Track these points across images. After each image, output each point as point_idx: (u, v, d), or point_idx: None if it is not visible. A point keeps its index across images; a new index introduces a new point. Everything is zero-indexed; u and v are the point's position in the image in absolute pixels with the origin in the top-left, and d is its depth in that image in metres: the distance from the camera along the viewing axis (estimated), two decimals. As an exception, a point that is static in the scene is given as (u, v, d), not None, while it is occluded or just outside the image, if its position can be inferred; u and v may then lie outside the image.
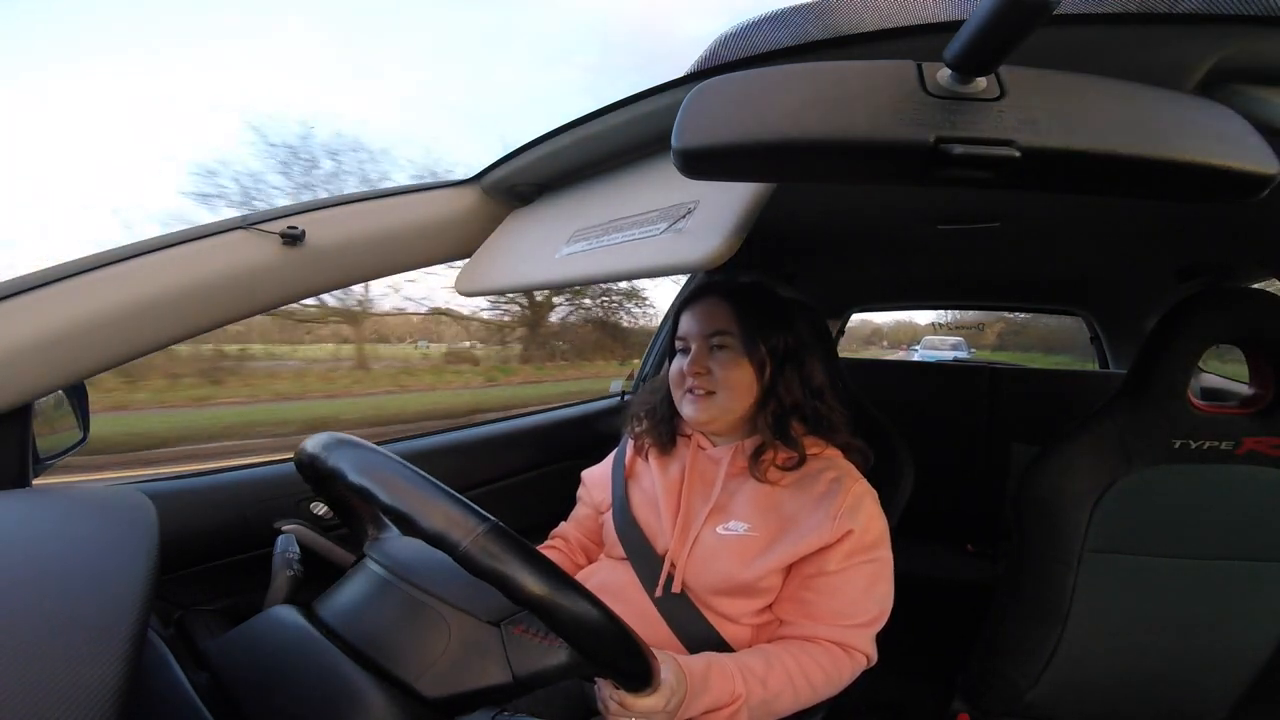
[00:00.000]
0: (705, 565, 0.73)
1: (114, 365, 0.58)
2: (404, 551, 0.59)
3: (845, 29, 0.44)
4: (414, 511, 0.45)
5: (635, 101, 0.57)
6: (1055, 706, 1.00)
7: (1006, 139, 0.30)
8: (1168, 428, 0.86)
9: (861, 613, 0.70)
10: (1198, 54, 0.41)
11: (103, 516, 0.45)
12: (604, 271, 0.56)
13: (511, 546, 0.44)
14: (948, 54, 0.29)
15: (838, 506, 0.70)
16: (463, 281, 0.75)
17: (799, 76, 0.32)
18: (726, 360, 0.78)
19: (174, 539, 0.51)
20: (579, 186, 0.73)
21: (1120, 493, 0.88)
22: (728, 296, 0.80)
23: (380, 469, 0.49)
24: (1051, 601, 0.94)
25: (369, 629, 0.53)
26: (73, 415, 0.71)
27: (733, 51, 0.50)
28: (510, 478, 1.23)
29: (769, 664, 0.66)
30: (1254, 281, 1.26)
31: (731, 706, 0.62)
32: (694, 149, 0.32)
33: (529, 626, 0.51)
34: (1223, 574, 0.89)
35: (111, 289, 0.56)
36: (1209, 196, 0.33)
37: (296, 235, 0.64)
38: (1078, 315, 2.16)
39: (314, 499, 0.91)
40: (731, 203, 0.47)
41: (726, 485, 0.77)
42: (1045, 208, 0.92)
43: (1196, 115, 0.32)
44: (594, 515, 0.91)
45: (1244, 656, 0.94)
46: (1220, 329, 0.85)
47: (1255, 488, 0.86)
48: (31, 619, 0.32)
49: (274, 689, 0.50)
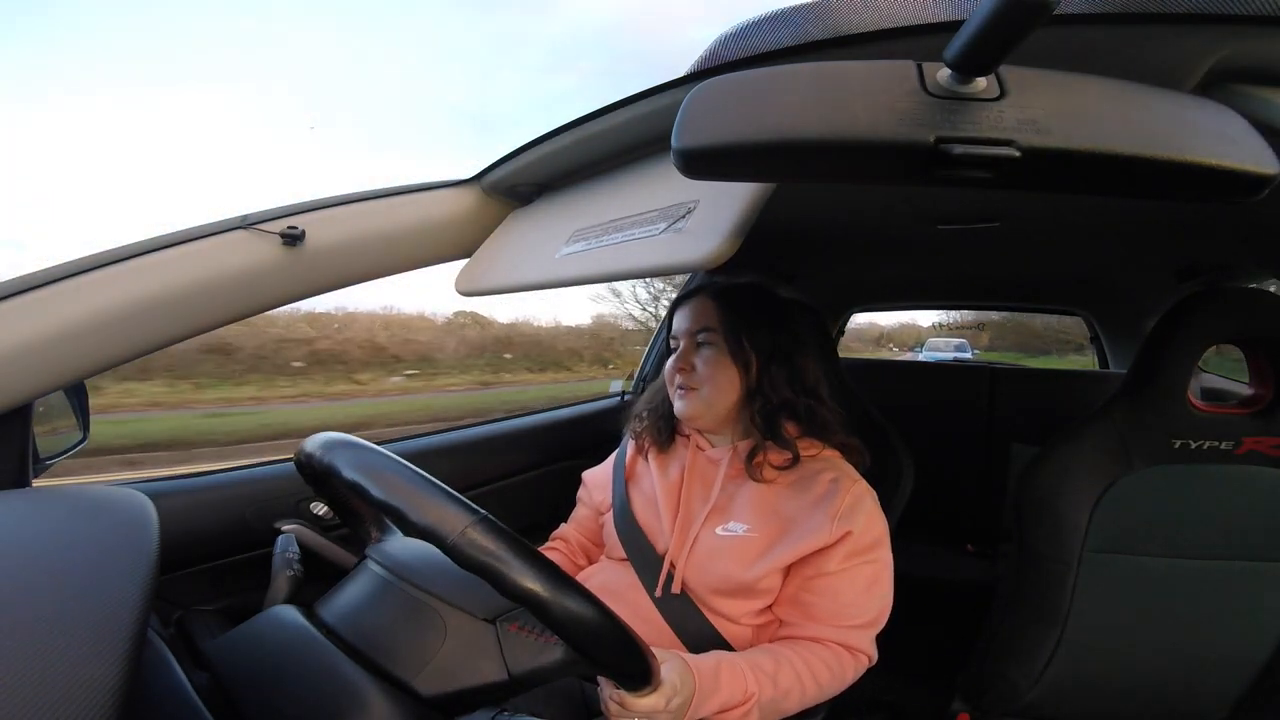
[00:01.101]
0: (705, 566, 0.73)
1: (114, 365, 0.57)
2: (405, 553, 0.59)
3: (845, 29, 0.44)
4: (404, 505, 0.45)
5: (635, 101, 0.57)
6: (1055, 706, 1.00)
7: (1006, 139, 0.30)
8: (1167, 428, 0.86)
9: (861, 613, 0.70)
10: (1198, 54, 0.41)
11: (103, 516, 0.44)
12: (604, 271, 0.56)
13: (502, 540, 0.44)
14: (948, 54, 0.29)
15: (836, 507, 0.70)
16: (463, 282, 0.75)
17: (799, 76, 0.32)
18: (710, 357, 0.79)
19: (174, 539, 0.51)
20: (579, 186, 0.73)
21: (1120, 493, 0.88)
22: (714, 295, 0.82)
23: (373, 465, 0.49)
24: (1051, 601, 0.94)
25: (368, 629, 0.53)
26: (73, 415, 0.71)
27: (733, 51, 0.50)
28: (510, 478, 1.23)
29: (778, 663, 0.66)
30: (1254, 281, 1.26)
31: (744, 706, 0.62)
32: (694, 149, 0.32)
33: (525, 624, 0.51)
34: (1223, 574, 0.89)
35: (111, 289, 0.56)
36: (1209, 196, 0.33)
37: (296, 235, 0.64)
38: (1078, 315, 2.16)
39: (314, 499, 0.91)
40: (731, 203, 0.47)
41: (725, 486, 0.77)
42: (1045, 208, 0.92)
43: (1196, 115, 0.32)
44: (594, 516, 0.91)
45: (1244, 656, 0.94)
46: (1220, 329, 0.85)
47: (1255, 488, 0.86)
48: (31, 619, 0.32)
49: (274, 689, 0.50)
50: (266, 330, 8.51)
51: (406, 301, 12.45)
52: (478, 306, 15.02)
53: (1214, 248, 1.13)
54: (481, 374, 10.30)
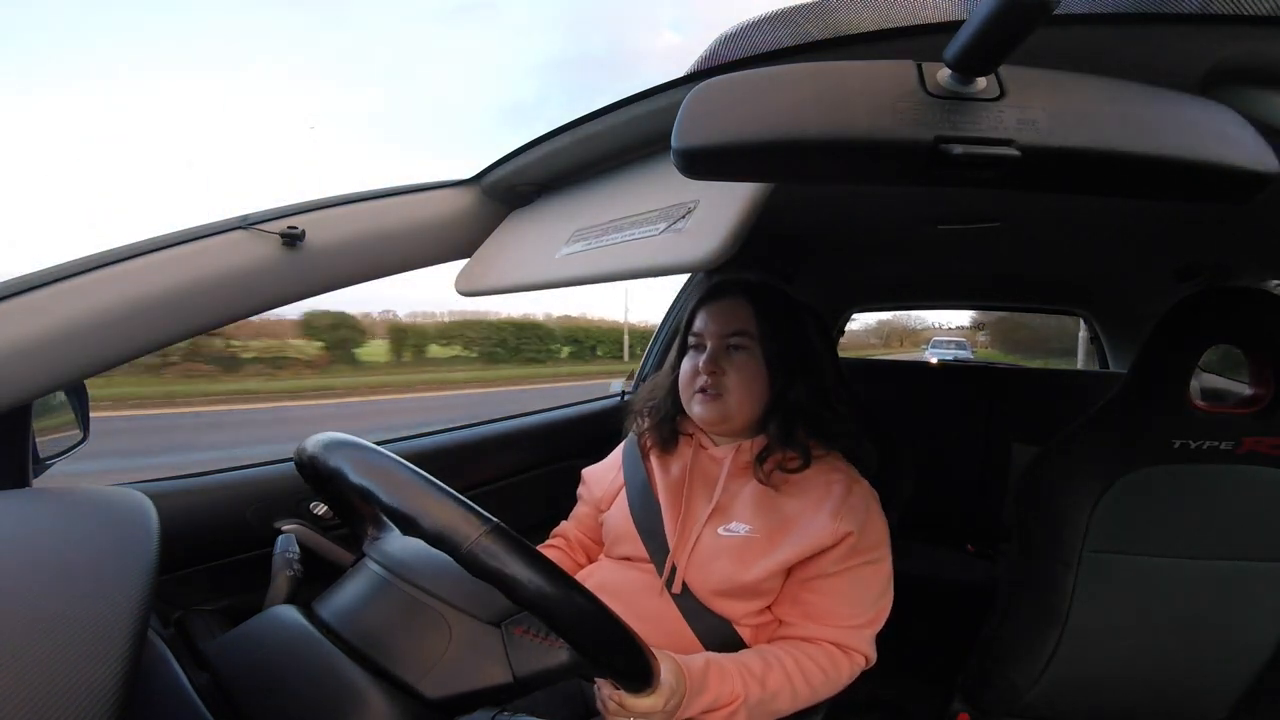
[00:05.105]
0: (706, 566, 0.73)
1: (114, 365, 0.57)
2: (404, 551, 0.59)
3: (845, 29, 0.44)
4: (416, 512, 0.45)
5: (635, 101, 0.57)
6: (1055, 706, 1.00)
7: (1006, 139, 0.30)
8: (1167, 428, 0.86)
9: (860, 614, 0.70)
10: (1198, 54, 0.41)
11: (103, 516, 0.44)
12: (603, 271, 0.56)
13: (514, 548, 0.44)
14: (948, 54, 0.29)
15: (838, 507, 0.70)
16: (462, 282, 0.75)
17: (799, 76, 0.32)
18: (742, 362, 0.77)
19: (174, 539, 0.51)
20: (579, 186, 0.73)
21: (1120, 493, 0.88)
22: (749, 297, 0.79)
23: (381, 469, 0.49)
24: (1051, 601, 0.94)
25: (369, 629, 0.53)
26: (73, 415, 0.71)
27: (733, 51, 0.50)
28: (510, 478, 1.23)
29: (767, 664, 0.66)
30: (1254, 281, 1.26)
31: (730, 707, 0.62)
32: (694, 149, 0.32)
33: (529, 627, 0.52)
34: (1222, 574, 0.89)
35: (111, 289, 0.56)
36: (1209, 196, 0.33)
37: (296, 235, 0.64)
38: (1078, 315, 2.16)
39: (314, 499, 0.91)
40: (731, 203, 0.47)
41: (728, 486, 0.77)
42: (1045, 208, 0.92)
43: (1196, 115, 0.32)
44: (594, 514, 0.91)
45: (1244, 656, 0.94)
46: (1220, 329, 0.85)
47: (1255, 488, 0.86)
48: (31, 619, 0.32)
49: (274, 689, 0.50)
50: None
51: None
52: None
53: (1214, 248, 1.13)
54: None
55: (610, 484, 0.89)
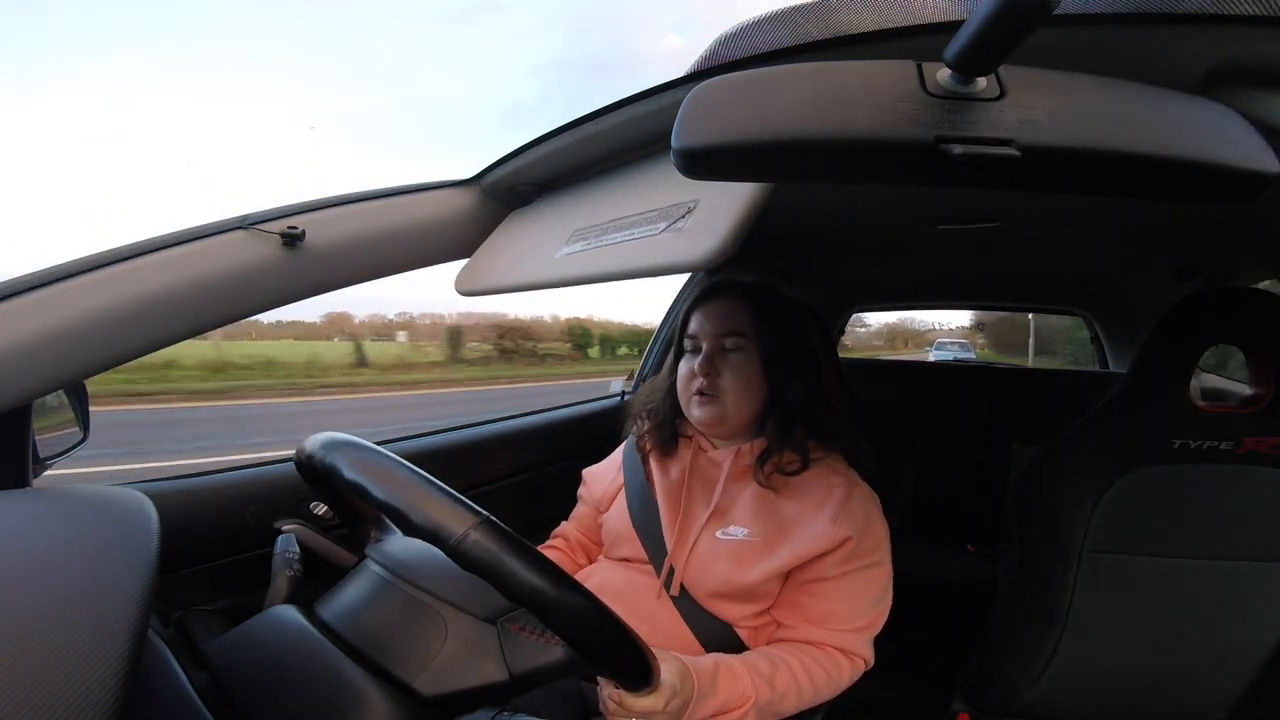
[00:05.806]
0: (704, 569, 0.73)
1: (114, 365, 0.57)
2: (405, 552, 0.59)
3: (845, 29, 0.44)
4: (406, 506, 0.45)
5: (635, 101, 0.57)
6: (1055, 706, 1.00)
7: (1006, 139, 0.30)
8: (1167, 427, 0.86)
9: (859, 617, 0.70)
10: (1198, 54, 0.41)
11: (103, 516, 0.44)
12: (603, 271, 0.56)
13: (504, 541, 0.44)
14: (948, 54, 0.29)
15: (838, 512, 0.70)
16: (462, 281, 0.75)
17: (799, 76, 0.32)
18: (738, 363, 0.76)
19: (174, 539, 0.50)
20: (579, 186, 0.73)
21: (1120, 493, 0.88)
22: (744, 297, 0.78)
23: (374, 466, 0.49)
24: (1051, 601, 0.94)
25: (368, 628, 0.53)
26: (73, 415, 0.71)
27: (733, 51, 0.50)
28: (510, 478, 1.22)
29: (774, 665, 0.66)
30: (1254, 281, 1.26)
31: (741, 709, 0.62)
32: (694, 149, 0.32)
33: (526, 624, 0.51)
34: (1223, 574, 0.89)
35: (111, 289, 0.56)
36: (1209, 196, 0.33)
37: (296, 235, 0.64)
38: (1078, 315, 2.16)
39: (314, 499, 0.91)
40: (731, 203, 0.47)
41: (727, 489, 0.77)
42: (1045, 208, 0.92)
43: (1196, 115, 0.32)
44: (594, 514, 0.91)
45: (1244, 656, 0.94)
46: (1220, 329, 0.85)
47: (1255, 487, 0.86)
48: (31, 619, 0.32)
49: (274, 689, 0.50)
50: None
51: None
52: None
53: (1214, 248, 1.13)
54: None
55: (610, 485, 0.89)
